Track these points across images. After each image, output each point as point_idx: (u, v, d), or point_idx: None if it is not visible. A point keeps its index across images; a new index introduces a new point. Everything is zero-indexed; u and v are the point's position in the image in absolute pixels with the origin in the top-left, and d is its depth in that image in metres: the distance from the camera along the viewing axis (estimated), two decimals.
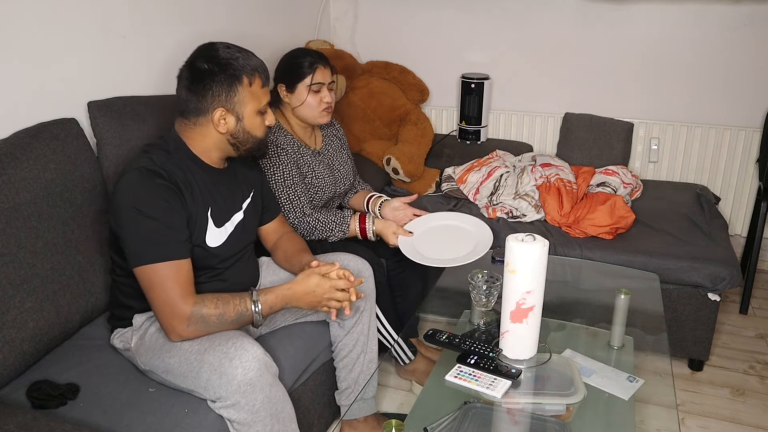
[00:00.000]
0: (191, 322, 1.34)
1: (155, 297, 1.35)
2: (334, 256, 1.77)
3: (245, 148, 1.52)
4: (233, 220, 1.56)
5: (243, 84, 1.44)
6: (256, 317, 1.43)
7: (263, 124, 1.52)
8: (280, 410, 1.36)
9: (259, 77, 1.47)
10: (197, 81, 1.43)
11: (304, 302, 1.48)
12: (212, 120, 1.45)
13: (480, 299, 1.66)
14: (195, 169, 1.48)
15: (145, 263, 1.35)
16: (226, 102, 1.44)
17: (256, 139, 1.51)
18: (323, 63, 2.00)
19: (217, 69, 1.42)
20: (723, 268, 2.05)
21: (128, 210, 1.35)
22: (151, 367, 1.42)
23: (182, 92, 1.46)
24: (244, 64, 1.44)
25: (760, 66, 2.63)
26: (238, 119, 1.46)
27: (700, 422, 1.97)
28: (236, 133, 1.48)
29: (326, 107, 2.01)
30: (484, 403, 1.38)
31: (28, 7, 1.61)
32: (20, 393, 1.36)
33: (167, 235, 1.36)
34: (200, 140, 1.48)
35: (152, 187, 1.37)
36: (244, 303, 1.41)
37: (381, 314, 1.91)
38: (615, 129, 2.76)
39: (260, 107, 1.49)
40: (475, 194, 2.54)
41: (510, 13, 2.89)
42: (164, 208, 1.37)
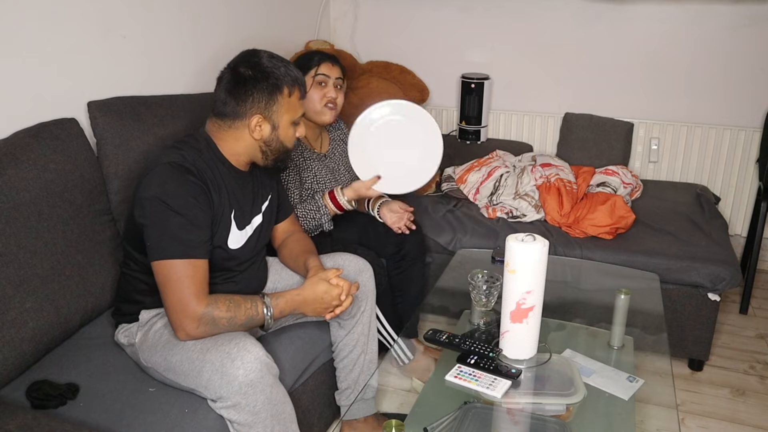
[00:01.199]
0: (201, 322, 1.34)
1: (169, 293, 1.35)
2: (335, 256, 1.77)
3: (273, 157, 1.53)
4: (253, 223, 1.58)
5: (283, 94, 1.47)
6: (268, 321, 1.44)
7: (294, 135, 1.55)
8: (281, 411, 1.36)
9: (299, 89, 1.50)
10: (239, 85, 1.45)
11: (310, 308, 1.50)
12: (248, 125, 1.47)
13: (480, 299, 1.66)
14: (222, 170, 1.49)
15: (165, 258, 1.35)
16: (265, 110, 1.46)
17: (286, 149, 1.54)
18: (331, 60, 2.02)
19: (261, 76, 1.45)
20: (723, 268, 2.05)
21: (156, 203, 1.35)
22: (153, 364, 1.42)
23: (221, 94, 1.47)
24: (286, 75, 1.47)
25: (760, 66, 2.63)
26: (274, 128, 1.49)
27: (700, 422, 1.97)
28: (269, 141, 1.50)
29: (328, 101, 2.00)
30: (484, 403, 1.38)
31: (28, 7, 1.61)
32: (20, 393, 1.36)
33: (191, 233, 1.37)
34: (232, 143, 1.49)
35: (182, 183, 1.38)
36: (255, 307, 1.42)
37: (381, 314, 1.91)
38: (615, 129, 2.76)
39: (296, 118, 1.52)
40: (475, 194, 2.54)
41: (510, 13, 2.89)
42: (192, 205, 1.37)
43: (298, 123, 1.54)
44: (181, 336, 1.36)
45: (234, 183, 1.51)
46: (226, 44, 2.40)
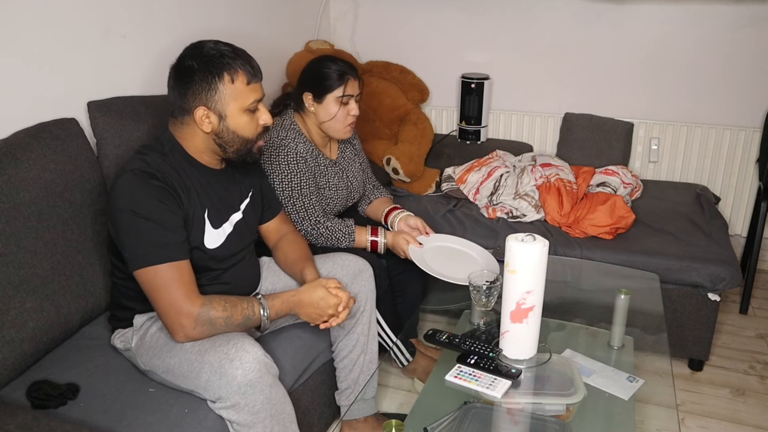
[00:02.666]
0: (198, 322, 1.33)
1: (159, 299, 1.34)
2: (335, 256, 1.77)
3: (233, 149, 1.46)
4: (231, 221, 1.56)
5: (224, 81, 1.38)
6: (264, 321, 1.43)
7: (253, 123, 1.45)
8: (280, 411, 1.36)
9: (244, 73, 1.40)
10: (179, 78, 1.41)
11: (305, 312, 1.49)
12: (195, 119, 1.41)
13: (480, 299, 1.66)
14: (190, 169, 1.47)
15: (145, 266, 1.34)
16: (207, 100, 1.39)
17: (243, 139, 1.45)
18: (354, 74, 1.95)
19: (197, 66, 1.38)
20: (723, 268, 2.05)
21: (124, 213, 1.34)
22: (152, 367, 1.42)
23: (169, 91, 1.44)
24: (226, 61, 1.38)
25: (760, 66, 2.63)
26: (221, 118, 1.41)
27: (700, 422, 1.97)
28: (221, 133, 1.43)
29: (352, 121, 1.98)
30: (484, 403, 1.38)
31: (28, 7, 1.61)
32: (20, 393, 1.36)
33: (166, 237, 1.35)
34: (191, 140, 1.46)
35: (147, 189, 1.36)
36: (251, 308, 1.41)
37: (380, 317, 1.90)
38: (615, 129, 2.76)
39: (246, 105, 1.42)
40: (475, 194, 2.54)
41: (510, 13, 2.89)
42: (160, 209, 1.36)
43: (256, 109, 1.45)
44: (179, 338, 1.35)
45: (204, 182, 1.48)
46: None
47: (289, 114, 2.02)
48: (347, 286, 1.71)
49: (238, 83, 1.40)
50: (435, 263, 1.91)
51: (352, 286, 1.72)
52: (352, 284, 1.72)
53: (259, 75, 1.45)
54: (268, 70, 2.69)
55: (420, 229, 2.07)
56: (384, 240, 1.99)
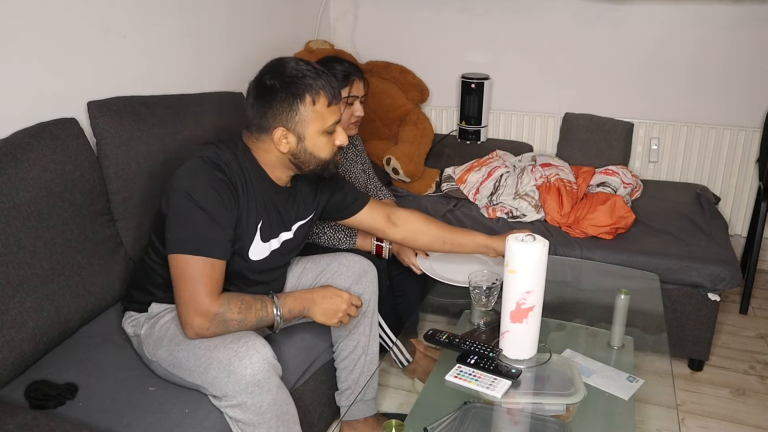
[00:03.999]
0: (213, 323, 1.32)
1: (183, 289, 1.33)
2: (339, 256, 1.76)
3: (309, 169, 1.46)
4: (280, 238, 1.55)
5: (305, 103, 1.38)
6: (277, 321, 1.42)
7: (330, 144, 1.45)
8: (285, 412, 1.36)
9: (325, 95, 1.39)
10: (260, 97, 1.39)
11: (320, 308, 1.47)
12: (273, 139, 1.41)
13: (480, 299, 1.66)
14: (257, 178, 1.45)
15: (183, 252, 1.33)
16: (287, 121, 1.39)
17: (320, 160, 1.45)
18: (359, 75, 1.95)
19: (280, 86, 1.37)
20: (723, 268, 2.05)
21: (181, 195, 1.33)
22: (157, 358, 1.41)
23: (248, 107, 1.43)
24: (308, 82, 1.37)
25: (760, 66, 2.63)
26: (300, 139, 1.41)
27: (700, 422, 1.97)
28: (298, 154, 1.43)
29: (356, 121, 1.98)
30: (484, 403, 1.38)
31: (28, 6, 1.61)
32: (20, 393, 1.36)
33: (213, 231, 1.34)
34: (264, 155, 1.45)
35: (210, 178, 1.35)
36: (265, 308, 1.40)
37: (380, 317, 1.90)
38: (615, 129, 2.76)
39: (325, 127, 1.42)
40: (475, 194, 2.54)
41: (510, 13, 2.89)
42: (216, 201, 1.34)
43: (334, 131, 1.45)
44: (189, 334, 1.34)
45: (266, 194, 1.48)
46: (226, 44, 2.40)
47: None
48: (351, 286, 1.71)
49: (320, 105, 1.39)
50: (446, 271, 1.90)
51: (356, 287, 1.71)
52: (357, 285, 1.71)
53: (339, 97, 1.44)
54: None
55: None
56: (389, 246, 1.99)
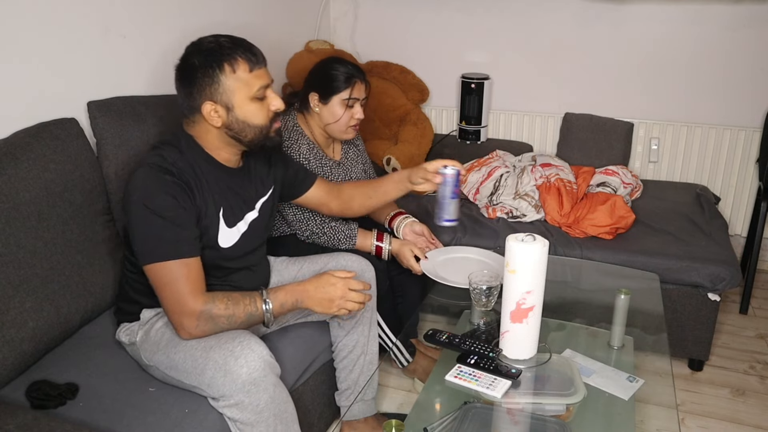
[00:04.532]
0: (201, 320, 1.33)
1: (166, 295, 1.34)
2: (336, 256, 1.77)
3: (249, 139, 1.44)
4: (246, 219, 1.55)
5: (225, 72, 1.37)
6: (267, 317, 1.41)
7: (263, 110, 1.43)
8: (283, 411, 1.36)
9: (244, 61, 1.38)
10: (184, 79, 1.40)
11: (315, 300, 1.44)
12: (204, 115, 1.40)
13: (480, 299, 1.66)
14: (207, 168, 1.46)
15: (155, 261, 1.34)
16: (212, 94, 1.38)
17: (256, 127, 1.43)
18: (361, 77, 1.96)
19: (198, 62, 1.37)
20: (723, 268, 2.05)
21: (138, 207, 1.34)
22: (155, 362, 1.41)
23: (177, 93, 1.44)
24: (225, 52, 1.37)
25: (760, 66, 2.63)
26: (229, 109, 1.39)
27: (700, 422, 1.97)
28: (231, 124, 1.41)
29: (356, 123, 1.98)
30: (484, 403, 1.38)
31: (28, 6, 1.61)
32: (20, 393, 1.36)
33: (177, 233, 1.35)
34: (206, 137, 1.45)
35: (160, 184, 1.35)
36: (254, 303, 1.39)
37: (380, 317, 1.90)
38: (615, 129, 2.76)
39: (252, 93, 1.40)
40: (475, 194, 2.54)
41: (510, 13, 2.89)
42: (173, 205, 1.35)
43: (264, 96, 1.43)
44: (183, 335, 1.36)
45: (221, 181, 1.48)
46: None
47: (292, 115, 2.02)
48: None
49: (240, 72, 1.38)
50: (447, 272, 1.89)
51: None
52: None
53: (261, 61, 1.42)
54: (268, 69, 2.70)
55: (426, 236, 2.06)
56: (389, 247, 1.99)
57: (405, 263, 1.97)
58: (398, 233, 2.09)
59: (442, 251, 2.05)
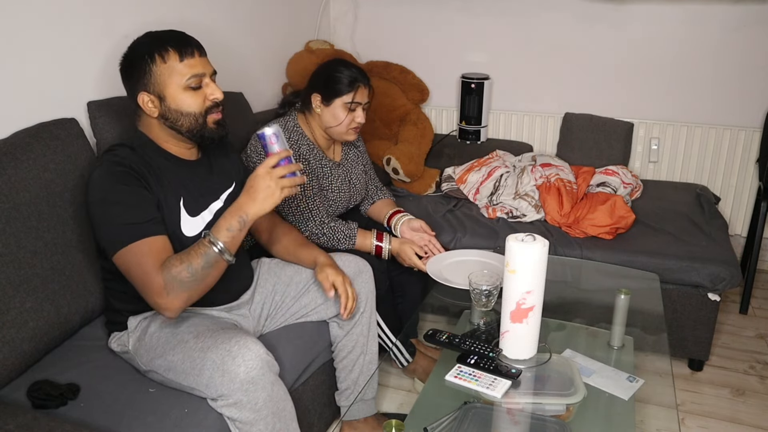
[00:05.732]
0: (168, 290, 1.30)
1: (135, 279, 1.33)
2: (336, 256, 1.76)
3: (186, 128, 1.44)
4: (211, 209, 1.54)
5: (155, 62, 1.38)
6: (221, 247, 1.34)
7: (198, 99, 1.43)
8: (282, 409, 1.37)
9: (174, 50, 1.39)
10: (124, 77, 1.44)
11: (252, 203, 1.36)
12: (141, 107, 1.42)
13: (480, 299, 1.66)
14: (164, 162, 1.46)
15: (120, 248, 1.33)
16: (146, 85, 1.40)
17: (190, 115, 1.42)
18: (365, 82, 1.96)
19: (132, 57, 1.41)
20: (723, 268, 2.05)
21: (95, 204, 1.35)
22: (153, 367, 1.42)
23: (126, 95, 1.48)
24: (155, 43, 1.39)
25: (761, 66, 2.63)
26: (162, 99, 1.41)
27: (700, 422, 1.97)
28: (165, 113, 1.42)
29: (356, 126, 1.98)
30: (484, 403, 1.38)
31: (28, 7, 1.61)
32: (20, 393, 1.36)
33: (135, 216, 1.34)
34: (153, 131, 1.47)
35: (113, 176, 1.36)
36: (203, 246, 1.34)
37: (379, 317, 1.90)
38: (615, 129, 2.76)
39: (184, 82, 1.40)
40: (475, 194, 2.54)
41: (510, 13, 2.89)
42: (127, 191, 1.36)
43: (200, 86, 1.42)
44: (167, 314, 1.32)
45: (179, 171, 1.47)
46: (226, 44, 2.40)
47: (293, 116, 2.01)
48: None
49: (171, 61, 1.39)
50: (453, 275, 1.89)
51: None
52: (353, 285, 1.72)
53: (192, 50, 1.42)
54: (268, 70, 2.71)
55: (424, 230, 2.07)
56: (389, 246, 1.99)
57: (407, 262, 1.98)
58: (396, 231, 2.09)
59: (450, 255, 2.05)
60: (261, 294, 1.70)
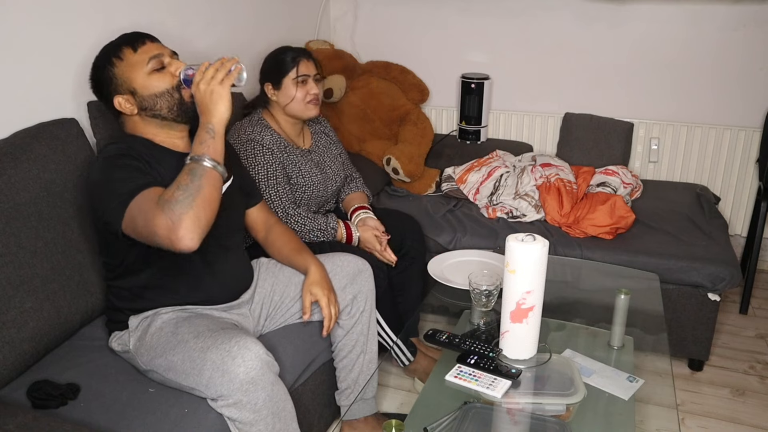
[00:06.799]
0: (169, 217, 1.22)
1: (143, 232, 1.27)
2: (334, 256, 1.77)
3: (166, 109, 1.45)
4: None
5: (114, 64, 1.43)
6: (207, 160, 1.30)
7: (164, 77, 1.44)
8: (282, 409, 1.37)
9: (126, 46, 1.44)
10: (95, 92, 1.49)
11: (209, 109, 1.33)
12: (120, 110, 1.46)
13: (480, 299, 1.66)
14: (156, 154, 1.45)
15: (124, 210, 1.30)
16: (116, 88, 1.44)
17: (163, 93, 1.44)
18: (306, 56, 2.03)
19: (94, 71, 1.47)
20: (723, 268, 2.05)
21: (95, 183, 1.36)
22: (153, 366, 1.42)
23: None
24: (109, 48, 1.45)
25: (760, 66, 2.63)
26: (133, 93, 1.44)
27: (700, 422, 1.97)
28: (142, 104, 1.45)
29: (312, 99, 2.02)
30: (484, 403, 1.38)
31: (28, 6, 1.61)
32: (20, 393, 1.36)
33: (134, 179, 1.33)
34: (140, 129, 1.49)
35: (117, 158, 1.37)
36: (188, 165, 1.30)
37: (380, 317, 1.90)
38: (615, 129, 2.76)
39: (146, 69, 1.43)
40: (475, 194, 2.54)
41: (510, 13, 2.89)
42: (126, 165, 1.36)
43: (160, 68, 1.44)
44: (186, 245, 1.23)
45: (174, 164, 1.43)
46: (226, 44, 2.40)
47: (258, 112, 2.08)
48: (346, 286, 1.72)
49: (127, 57, 1.44)
50: (454, 275, 1.90)
51: (351, 287, 1.72)
52: (352, 284, 1.72)
53: (143, 40, 1.46)
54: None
55: (378, 228, 2.08)
56: (358, 234, 2.04)
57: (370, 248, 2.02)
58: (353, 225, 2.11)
59: (450, 255, 2.05)
60: (260, 294, 1.70)
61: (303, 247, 1.74)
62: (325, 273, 1.68)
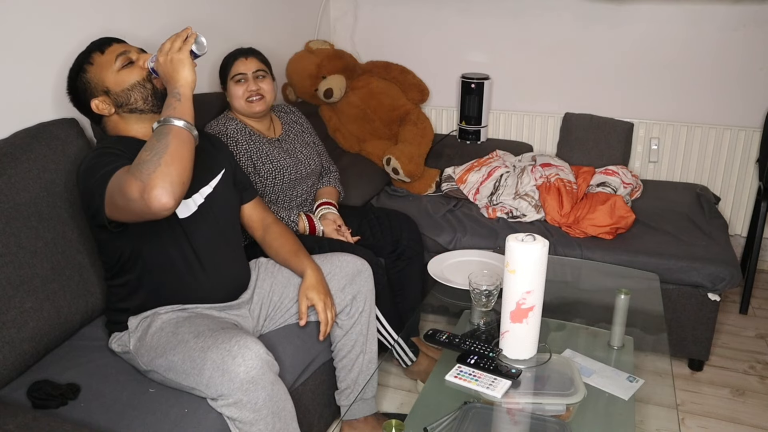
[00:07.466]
0: (140, 179, 1.20)
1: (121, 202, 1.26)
2: (332, 256, 1.77)
3: (141, 101, 1.48)
4: (202, 193, 1.55)
5: (86, 70, 1.47)
6: (166, 121, 1.28)
7: (134, 70, 1.47)
8: (282, 408, 1.37)
9: (94, 51, 1.48)
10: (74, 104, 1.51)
11: (173, 77, 1.34)
12: (98, 113, 1.48)
13: (480, 299, 1.66)
14: None
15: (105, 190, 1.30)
16: (90, 93, 1.47)
17: (135, 84, 1.47)
18: (245, 54, 2.07)
19: (70, 83, 1.50)
20: (723, 268, 2.05)
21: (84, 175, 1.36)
22: (154, 366, 1.42)
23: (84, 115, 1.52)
24: (80, 57, 1.48)
25: (760, 66, 2.63)
26: (107, 92, 1.47)
27: (700, 422, 1.97)
28: (117, 100, 1.47)
29: (249, 95, 2.04)
30: (484, 403, 1.38)
31: (28, 6, 1.61)
32: (20, 393, 1.37)
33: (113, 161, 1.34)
34: (120, 127, 1.50)
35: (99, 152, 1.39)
36: (156, 129, 1.30)
37: (381, 315, 1.91)
38: (615, 129, 2.76)
39: (115, 68, 1.47)
40: (475, 194, 2.54)
41: (510, 13, 2.89)
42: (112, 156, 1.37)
43: (128, 63, 1.47)
44: (161, 205, 1.20)
45: None
46: (226, 45, 2.40)
47: (227, 111, 2.13)
48: (346, 286, 1.72)
49: (96, 60, 1.48)
50: (455, 276, 1.90)
51: (350, 287, 1.72)
52: (351, 285, 1.72)
53: (110, 42, 1.50)
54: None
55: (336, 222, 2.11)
56: (321, 228, 2.08)
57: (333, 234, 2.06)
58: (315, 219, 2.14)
59: (450, 255, 2.05)
60: (259, 294, 1.70)
61: (300, 249, 1.74)
62: (322, 276, 1.68)
